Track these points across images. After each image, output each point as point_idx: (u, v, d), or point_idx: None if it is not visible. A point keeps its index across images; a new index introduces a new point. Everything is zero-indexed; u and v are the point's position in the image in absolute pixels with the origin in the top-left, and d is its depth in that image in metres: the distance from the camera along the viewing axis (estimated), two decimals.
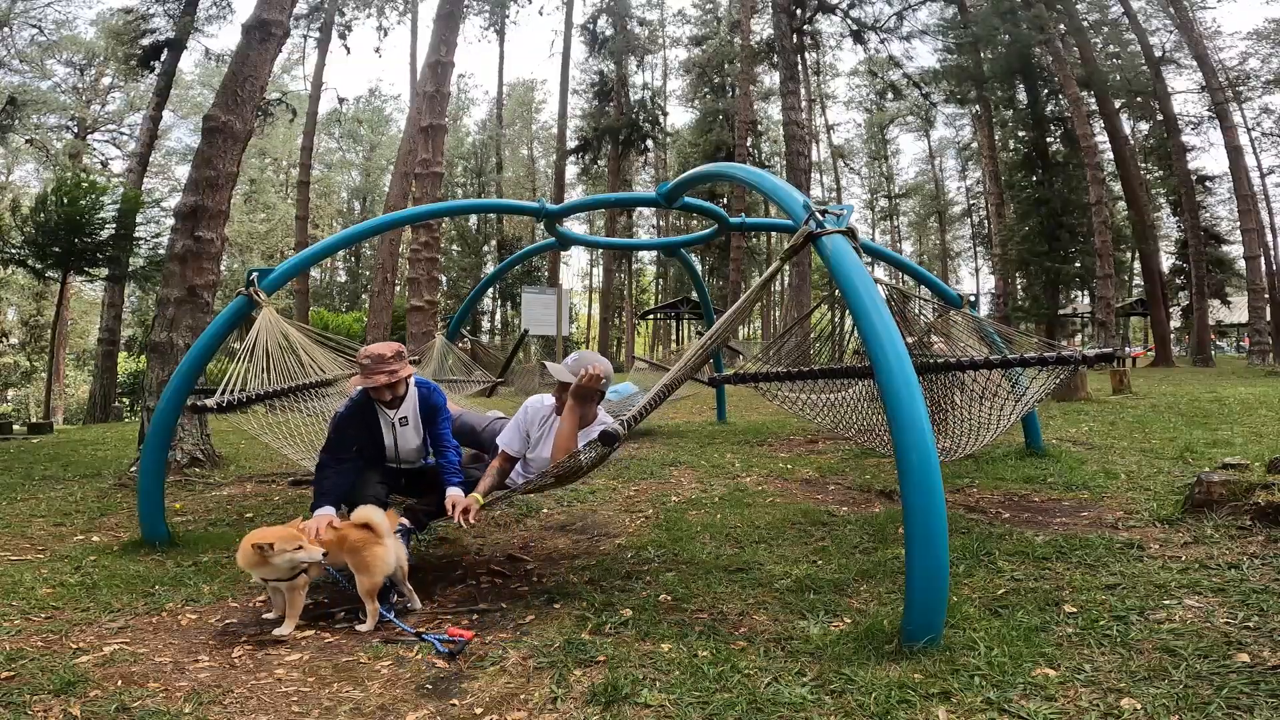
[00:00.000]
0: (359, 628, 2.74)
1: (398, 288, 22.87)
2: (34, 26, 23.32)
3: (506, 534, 4.16)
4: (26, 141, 25.08)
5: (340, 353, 4.34)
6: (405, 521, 3.16)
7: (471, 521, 3.00)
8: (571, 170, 32.45)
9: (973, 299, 5.43)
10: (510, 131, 42.01)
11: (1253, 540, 3.05)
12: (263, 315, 3.90)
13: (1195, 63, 21.45)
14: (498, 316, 42.00)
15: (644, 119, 31.17)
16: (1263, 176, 26.69)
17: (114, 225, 16.02)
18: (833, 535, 3.75)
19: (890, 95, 29.80)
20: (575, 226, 36.01)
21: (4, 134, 22.28)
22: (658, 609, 2.78)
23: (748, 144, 27.48)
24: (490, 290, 34.08)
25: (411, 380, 3.31)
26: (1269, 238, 24.59)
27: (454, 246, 39.65)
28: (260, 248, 37.03)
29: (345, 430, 3.22)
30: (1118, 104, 23.21)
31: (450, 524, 3.53)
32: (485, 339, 36.34)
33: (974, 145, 34.37)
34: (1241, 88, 24.30)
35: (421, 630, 2.65)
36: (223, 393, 3.69)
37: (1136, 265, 31.66)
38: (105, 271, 17.18)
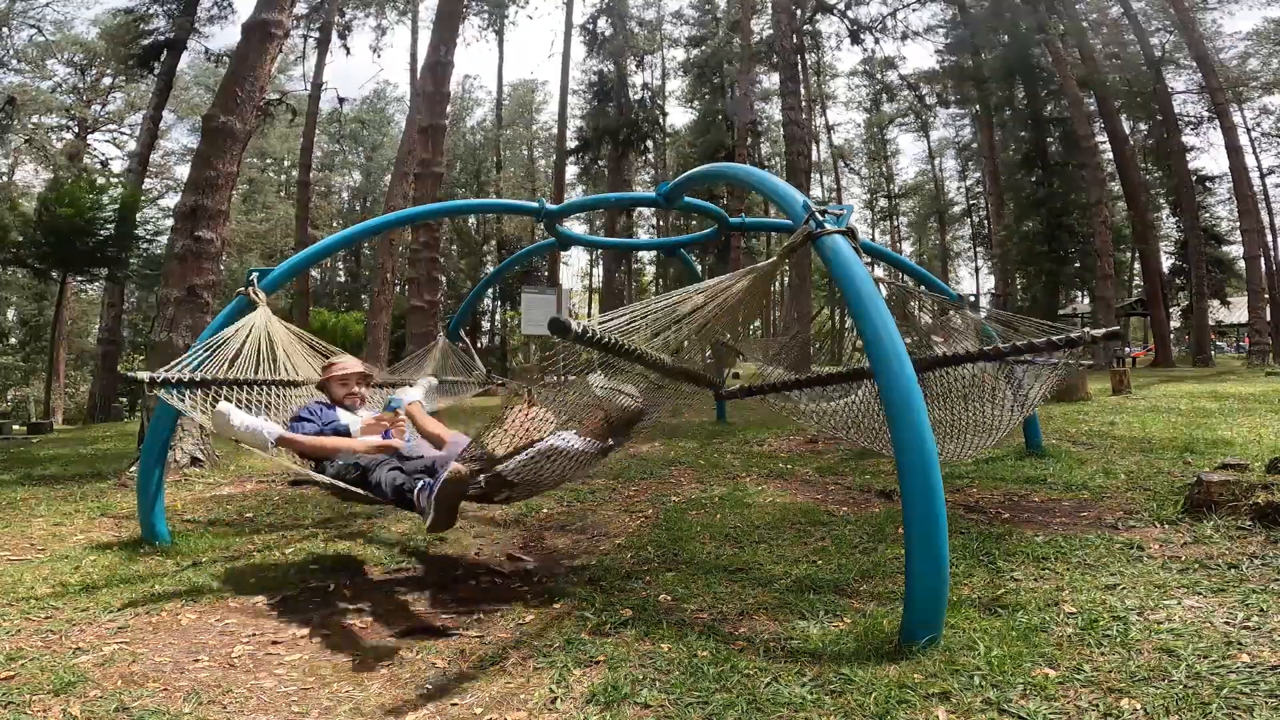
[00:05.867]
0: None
1: (398, 288, 22.88)
2: (33, 27, 23.33)
3: (506, 534, 4.16)
4: (26, 141, 25.06)
5: (322, 357, 4.23)
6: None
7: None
8: (571, 170, 32.40)
9: (972, 299, 5.41)
10: (510, 132, 41.97)
11: (1253, 540, 3.05)
12: (255, 313, 3.86)
13: (1195, 63, 21.43)
14: (498, 316, 41.96)
15: (643, 119, 31.08)
16: (1263, 176, 26.72)
17: (114, 226, 16.04)
18: (833, 535, 3.75)
19: (885, 98, 29.76)
20: (575, 226, 35.97)
21: (3, 134, 22.28)
22: (658, 609, 2.78)
23: (747, 144, 27.45)
24: (490, 290, 34.06)
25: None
26: (1269, 238, 24.56)
27: (454, 246, 39.61)
28: (260, 248, 36.98)
29: (302, 418, 3.50)
30: (1118, 104, 23.19)
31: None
32: (485, 339, 36.32)
33: (974, 145, 34.33)
34: (1241, 88, 24.30)
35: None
36: (171, 369, 3.35)
37: (1136, 265, 31.63)
38: (105, 271, 17.20)
